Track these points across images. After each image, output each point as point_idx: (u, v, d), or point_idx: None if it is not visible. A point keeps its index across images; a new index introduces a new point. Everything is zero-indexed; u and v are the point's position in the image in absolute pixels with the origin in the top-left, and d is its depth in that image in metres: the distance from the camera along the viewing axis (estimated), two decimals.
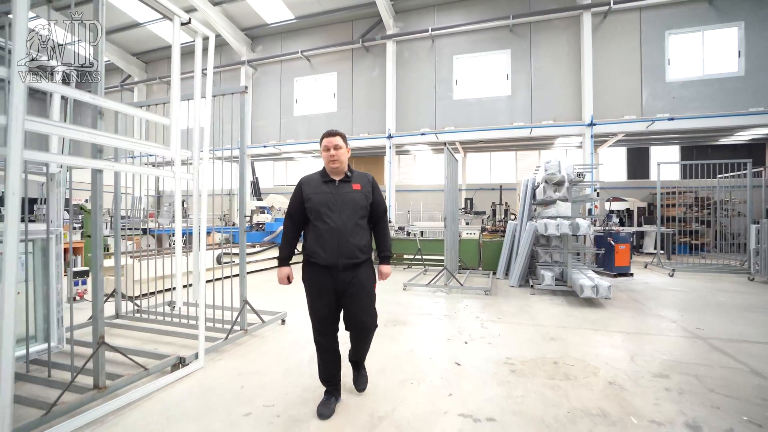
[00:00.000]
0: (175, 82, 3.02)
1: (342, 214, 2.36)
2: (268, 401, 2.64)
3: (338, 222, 2.35)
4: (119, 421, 2.39)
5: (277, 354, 3.57)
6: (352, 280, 2.39)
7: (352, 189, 2.43)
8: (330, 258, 2.34)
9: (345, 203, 2.38)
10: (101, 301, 2.56)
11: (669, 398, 2.69)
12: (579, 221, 6.16)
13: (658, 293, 6.50)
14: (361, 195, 2.43)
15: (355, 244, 2.36)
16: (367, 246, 2.46)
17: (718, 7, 10.21)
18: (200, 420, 2.41)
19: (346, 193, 2.41)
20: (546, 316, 4.98)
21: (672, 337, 4.09)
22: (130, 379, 2.75)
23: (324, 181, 2.46)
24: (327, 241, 2.34)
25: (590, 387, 2.87)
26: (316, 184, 2.45)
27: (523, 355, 3.54)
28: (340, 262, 2.34)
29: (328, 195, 2.39)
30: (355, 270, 2.40)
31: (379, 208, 2.55)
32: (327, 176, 2.47)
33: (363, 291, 2.42)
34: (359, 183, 2.47)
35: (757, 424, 2.34)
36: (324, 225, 2.35)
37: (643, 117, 10.68)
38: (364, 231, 2.45)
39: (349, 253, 2.35)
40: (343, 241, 2.34)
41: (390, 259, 2.68)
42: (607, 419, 2.41)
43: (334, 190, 2.41)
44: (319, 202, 2.38)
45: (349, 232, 2.35)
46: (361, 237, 2.41)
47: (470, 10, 12.32)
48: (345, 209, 2.37)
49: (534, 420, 2.41)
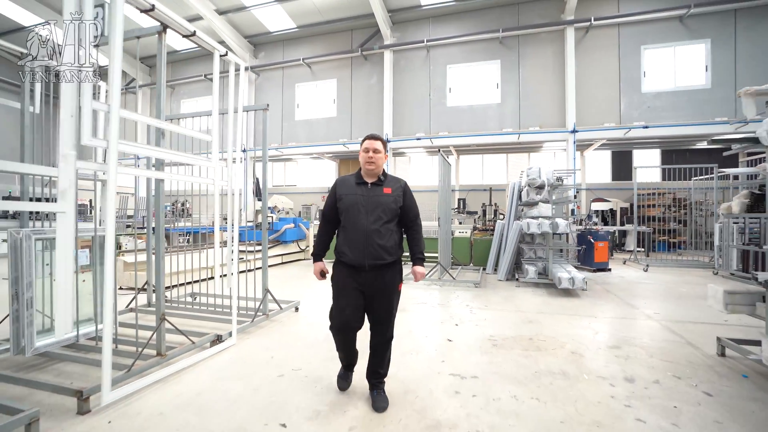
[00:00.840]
0: (215, 107, 3.60)
1: (370, 216, 2.40)
2: (296, 366, 3.24)
3: (366, 223, 2.38)
4: (179, 380, 2.98)
5: (296, 334, 4.16)
6: (377, 280, 2.42)
7: (383, 192, 2.46)
8: (356, 258, 2.38)
9: (374, 206, 2.42)
10: (162, 287, 3.15)
11: (616, 362, 3.34)
12: (558, 221, 6.82)
13: (630, 286, 7.18)
14: (390, 198, 2.46)
15: (381, 245, 2.39)
16: (395, 248, 2.47)
17: (688, 25, 10.99)
18: (243, 379, 3.00)
19: (377, 196, 2.45)
20: (527, 304, 5.62)
21: (632, 320, 4.75)
22: (182, 350, 3.33)
23: (357, 182, 2.50)
24: (354, 242, 2.39)
25: (556, 355, 3.51)
26: (350, 185, 2.50)
27: (504, 334, 4.17)
28: (366, 262, 2.37)
29: (359, 196, 2.44)
30: (381, 271, 2.42)
31: (410, 212, 2.56)
32: (361, 178, 2.52)
33: (386, 291, 2.45)
34: (390, 187, 2.50)
35: (678, 377, 2.99)
36: (352, 226, 2.42)
37: (621, 125, 11.43)
38: (392, 233, 2.46)
39: (375, 255, 2.38)
40: (370, 242, 2.37)
41: (423, 261, 2.61)
42: (565, 376, 3.05)
43: (365, 192, 2.46)
44: (349, 202, 2.44)
45: (375, 233, 2.38)
46: (388, 239, 2.42)
47: (463, 22, 12.97)
48: (374, 211, 2.41)
49: (508, 377, 3.04)
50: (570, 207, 10.76)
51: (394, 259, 2.46)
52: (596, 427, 2.31)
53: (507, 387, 2.85)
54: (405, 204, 2.52)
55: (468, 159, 18.01)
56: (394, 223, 2.49)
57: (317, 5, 13.31)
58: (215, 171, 3.61)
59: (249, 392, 2.77)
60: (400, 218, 2.53)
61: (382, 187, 2.48)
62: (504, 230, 8.53)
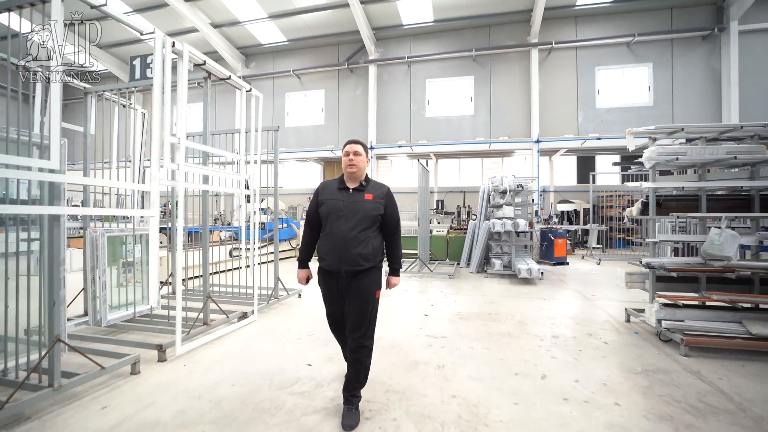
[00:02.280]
0: (242, 135, 4.48)
1: (348, 222, 2.34)
2: (309, 333, 4.18)
3: (344, 229, 2.33)
4: (222, 343, 3.87)
5: (303, 313, 5.09)
6: (352, 286, 2.37)
7: (363, 198, 2.40)
8: (333, 264, 2.34)
9: (354, 212, 2.37)
10: (207, 272, 4.03)
11: (550, 326, 4.42)
12: (519, 221, 7.96)
13: (581, 276, 8.37)
14: (371, 205, 2.40)
15: (357, 252, 2.32)
16: (372, 254, 2.39)
17: (634, 50, 12.44)
18: (270, 341, 3.92)
19: (357, 202, 2.39)
20: (492, 290, 6.69)
21: (573, 300, 5.88)
22: (220, 322, 4.22)
23: (339, 188, 2.45)
24: (332, 247, 2.35)
25: (506, 323, 4.57)
26: (331, 191, 2.46)
27: (469, 311, 5.21)
28: (343, 268, 2.33)
29: (340, 202, 2.39)
30: (357, 276, 2.36)
31: (392, 220, 2.51)
32: (343, 183, 2.47)
33: (361, 296, 2.37)
34: (372, 193, 2.44)
35: (589, 334, 4.09)
36: (330, 231, 2.38)
37: (578, 136, 12.78)
38: (370, 240, 2.38)
39: (351, 261, 2.32)
40: (346, 248, 2.31)
41: (399, 272, 2.62)
42: (510, 335, 4.10)
43: (346, 197, 2.40)
44: (330, 208, 2.40)
45: (352, 239, 2.32)
46: (365, 246, 2.35)
47: (440, 41, 14.09)
48: (353, 217, 2.35)
49: (468, 337, 4.06)
50: (534, 208, 12.00)
51: (371, 265, 2.39)
52: (523, 361, 3.35)
53: (466, 342, 3.88)
54: (386, 212, 2.46)
55: (446, 163, 19.16)
56: (374, 229, 2.43)
57: (307, 22, 14.15)
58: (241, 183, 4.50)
59: (278, 348, 3.70)
60: (380, 225, 2.47)
61: (363, 193, 2.43)
62: (476, 229, 9.63)
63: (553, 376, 3.05)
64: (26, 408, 2.39)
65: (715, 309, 3.77)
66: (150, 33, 3.14)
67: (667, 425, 2.30)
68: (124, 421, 2.38)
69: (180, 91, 3.45)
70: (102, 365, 2.86)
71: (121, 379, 2.97)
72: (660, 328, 3.82)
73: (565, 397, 2.68)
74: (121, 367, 3.02)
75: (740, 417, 2.39)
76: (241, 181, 4.43)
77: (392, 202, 2.53)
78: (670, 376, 3.02)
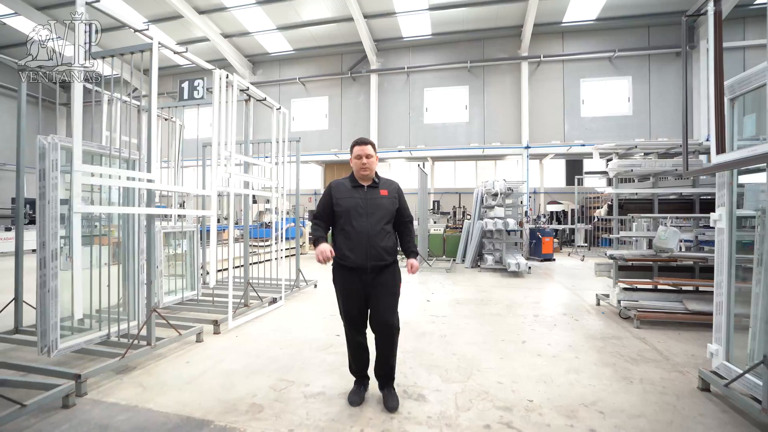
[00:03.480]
0: (273, 150, 5.22)
1: (370, 219, 2.39)
2: (332, 313, 4.93)
3: (366, 226, 2.37)
4: (260, 321, 4.61)
5: (322, 299, 5.84)
6: (378, 280, 2.42)
7: (380, 195, 2.46)
8: (358, 260, 2.37)
9: (374, 208, 2.42)
10: (248, 262, 4.78)
11: (532, 309, 5.21)
12: (509, 220, 8.76)
13: (565, 270, 9.20)
14: (389, 201, 2.47)
15: (382, 246, 2.39)
16: (393, 248, 2.48)
17: (615, 64, 13.36)
18: (300, 320, 4.67)
19: (375, 198, 2.44)
20: (485, 282, 7.49)
21: (554, 290, 6.69)
22: (256, 305, 4.97)
23: (353, 186, 2.49)
24: (356, 244, 2.38)
25: (496, 306, 5.36)
26: (345, 189, 2.49)
27: (465, 297, 6.00)
28: (368, 264, 2.37)
29: (358, 200, 2.42)
30: (381, 271, 2.43)
31: (405, 212, 2.58)
32: (356, 182, 2.50)
33: (388, 291, 2.45)
34: (386, 189, 2.50)
35: (564, 314, 4.90)
36: (352, 228, 2.39)
37: (564, 142, 13.65)
38: (390, 235, 2.47)
39: (376, 256, 2.38)
40: (371, 244, 2.37)
41: (417, 255, 2.63)
42: (499, 315, 4.89)
43: (363, 195, 2.44)
44: (348, 206, 2.42)
45: (376, 235, 2.38)
46: (387, 240, 2.43)
47: (438, 53, 14.90)
48: (374, 214, 2.40)
49: (464, 316, 4.84)
50: (524, 209, 12.83)
51: (393, 259, 2.48)
52: (508, 332, 4.14)
53: (463, 320, 4.67)
54: (401, 206, 2.55)
55: (442, 165, 19.98)
56: (391, 225, 2.51)
57: (313, 33, 14.88)
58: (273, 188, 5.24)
59: (308, 324, 4.46)
60: (394, 220, 2.55)
61: (378, 190, 2.48)
62: (470, 228, 10.42)
63: (530, 341, 3.84)
64: (131, 361, 3.13)
65: (663, 291, 4.59)
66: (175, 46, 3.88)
67: (609, 368, 3.10)
68: (207, 370, 3.12)
69: (230, 112, 4.19)
70: (179, 332, 3.61)
71: (191, 345, 3.71)
72: (620, 307, 4.63)
73: (539, 354, 3.47)
74: (192, 335, 3.77)
75: (663, 363, 3.20)
76: (272, 185, 5.18)
77: (403, 197, 2.62)
78: (621, 341, 3.83)
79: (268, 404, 2.53)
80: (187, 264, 5.27)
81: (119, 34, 14.03)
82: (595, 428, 2.25)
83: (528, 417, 2.37)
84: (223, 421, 2.31)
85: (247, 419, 2.34)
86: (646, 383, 2.84)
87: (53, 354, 2.86)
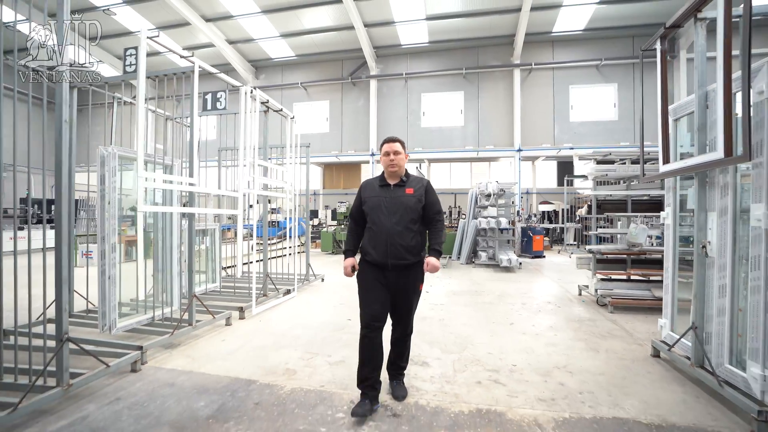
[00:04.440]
0: (288, 154, 5.74)
1: (393, 217, 2.40)
2: (341, 302, 5.45)
3: (388, 224, 2.39)
4: (278, 309, 5.12)
5: (330, 291, 6.35)
6: (400, 280, 2.43)
7: (405, 193, 2.46)
8: (379, 257, 2.40)
9: (397, 206, 2.42)
10: (267, 257, 5.29)
11: (521, 299, 5.76)
12: (501, 219, 9.32)
13: (554, 266, 9.77)
14: (413, 199, 2.45)
15: (403, 245, 2.38)
16: (417, 248, 2.45)
17: (602, 71, 14.01)
18: (314, 308, 5.18)
19: (399, 197, 2.44)
20: (478, 276, 8.04)
21: (542, 283, 7.25)
22: (273, 295, 5.48)
23: (381, 185, 2.51)
24: (377, 242, 2.41)
25: (488, 296, 5.91)
26: (373, 188, 2.52)
27: (460, 289, 6.54)
28: (389, 261, 2.39)
29: (382, 198, 2.45)
30: (404, 270, 2.43)
31: (433, 208, 2.53)
32: (384, 180, 2.53)
33: (407, 290, 2.48)
34: (413, 187, 2.49)
35: (549, 302, 5.46)
36: (375, 226, 2.43)
37: (554, 145, 14.26)
38: (414, 234, 2.44)
39: (397, 254, 2.38)
40: (391, 242, 2.37)
41: (440, 254, 2.50)
42: (491, 303, 5.43)
43: (388, 193, 2.46)
44: (373, 204, 2.46)
45: (397, 234, 2.37)
46: (410, 239, 2.40)
47: (434, 60, 15.47)
48: (396, 212, 2.40)
49: (459, 304, 5.38)
50: (516, 209, 13.43)
51: (416, 259, 2.45)
52: (498, 316, 4.69)
53: (458, 307, 5.21)
54: (428, 200, 2.50)
55: (438, 166, 20.55)
56: (418, 224, 2.48)
57: (315, 40, 15.38)
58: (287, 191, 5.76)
59: (321, 311, 4.98)
60: (422, 216, 2.50)
61: (404, 188, 2.48)
62: (465, 227, 10.98)
63: (517, 323, 4.39)
64: (175, 339, 3.64)
65: (635, 281, 5.17)
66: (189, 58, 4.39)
67: (581, 342, 3.66)
68: (241, 346, 3.64)
69: (251, 124, 4.70)
70: (213, 315, 4.12)
71: (221, 328, 4.22)
72: (597, 296, 5.19)
73: (524, 333, 4.02)
74: (223, 318, 4.28)
75: (627, 338, 3.77)
76: (286, 186, 5.70)
77: (432, 192, 2.56)
78: (595, 323, 4.39)
79: (299, 369, 3.06)
80: (209, 259, 5.78)
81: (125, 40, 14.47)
82: (564, 382, 2.80)
83: (511, 376, 2.92)
84: (266, 380, 2.84)
85: (285, 379, 2.87)
86: (610, 353, 3.40)
87: (113, 331, 3.37)
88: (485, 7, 12.84)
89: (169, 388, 2.70)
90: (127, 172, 3.77)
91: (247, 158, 4.53)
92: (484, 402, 2.53)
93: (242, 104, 4.52)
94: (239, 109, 4.56)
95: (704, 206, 2.65)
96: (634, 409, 2.41)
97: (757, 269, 2.16)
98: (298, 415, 2.35)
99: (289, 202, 5.88)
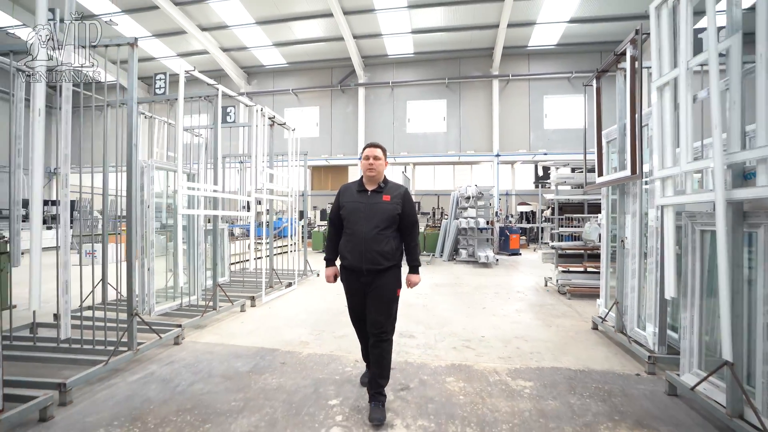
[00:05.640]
0: (291, 160, 6.38)
1: (369, 223, 2.39)
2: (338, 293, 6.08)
3: (364, 230, 2.39)
4: (282, 299, 5.75)
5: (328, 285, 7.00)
6: (374, 284, 2.42)
7: (382, 200, 2.44)
8: (354, 262, 2.41)
9: (373, 213, 2.41)
10: (273, 253, 5.92)
11: (495, 289, 6.55)
12: (479, 220, 10.14)
13: (528, 262, 10.65)
14: (390, 206, 2.44)
15: (377, 251, 2.37)
16: (392, 253, 2.44)
17: (573, 83, 15.10)
18: (314, 298, 5.84)
19: (376, 203, 2.43)
20: (459, 271, 8.82)
21: (516, 277, 8.08)
22: (277, 287, 6.11)
23: (358, 190, 2.51)
24: (353, 247, 2.41)
25: (467, 287, 6.68)
26: (351, 193, 2.52)
27: (442, 282, 7.30)
28: (364, 266, 2.38)
29: (359, 204, 2.45)
30: (378, 275, 2.41)
31: (408, 219, 2.52)
32: (362, 186, 2.51)
33: (383, 295, 2.43)
34: (390, 194, 2.48)
35: (519, 292, 6.27)
36: (351, 231, 2.44)
37: (530, 151, 15.25)
38: (389, 239, 2.43)
39: (372, 259, 2.37)
40: (367, 247, 2.37)
41: (418, 269, 2.60)
42: (468, 293, 6.20)
43: (365, 199, 2.46)
44: (350, 210, 2.46)
45: (372, 239, 2.37)
46: (385, 245, 2.40)
47: (419, 70, 16.29)
48: (373, 218, 2.40)
49: (441, 294, 6.13)
50: (494, 210, 14.32)
51: (391, 264, 2.44)
52: (474, 303, 5.46)
53: (440, 296, 5.96)
54: (404, 210, 2.49)
55: (423, 169, 21.37)
56: (393, 229, 2.48)
57: (306, 49, 15.98)
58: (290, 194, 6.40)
59: (321, 300, 5.65)
60: (398, 224, 2.50)
61: (381, 194, 2.47)
62: (447, 227, 11.76)
63: (489, 308, 5.16)
64: (202, 321, 4.25)
65: (590, 273, 6.02)
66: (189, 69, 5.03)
67: (539, 320, 4.47)
68: (259, 326, 4.29)
69: (261, 136, 5.34)
70: (232, 302, 4.75)
71: (237, 314, 4.85)
72: (558, 285, 6.02)
73: (493, 314, 4.80)
74: (239, 305, 4.91)
75: (576, 317, 4.60)
76: (290, 192, 6.34)
77: (409, 202, 2.54)
78: (554, 306, 5.21)
79: (311, 340, 3.75)
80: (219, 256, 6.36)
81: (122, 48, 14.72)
82: (520, 347, 3.57)
83: (480, 343, 3.68)
84: (286, 349, 3.51)
85: (301, 348, 3.55)
86: (560, 327, 4.20)
87: (153, 313, 3.98)
88: (466, 23, 13.71)
89: (210, 354, 3.35)
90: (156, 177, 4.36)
91: (259, 166, 5.17)
92: (458, 359, 3.27)
93: (254, 120, 5.15)
94: (251, 123, 5.19)
95: (624, 210, 3.46)
96: (568, 362, 3.20)
97: (651, 256, 2.96)
98: (316, 370, 3.05)
99: (290, 205, 6.53)
